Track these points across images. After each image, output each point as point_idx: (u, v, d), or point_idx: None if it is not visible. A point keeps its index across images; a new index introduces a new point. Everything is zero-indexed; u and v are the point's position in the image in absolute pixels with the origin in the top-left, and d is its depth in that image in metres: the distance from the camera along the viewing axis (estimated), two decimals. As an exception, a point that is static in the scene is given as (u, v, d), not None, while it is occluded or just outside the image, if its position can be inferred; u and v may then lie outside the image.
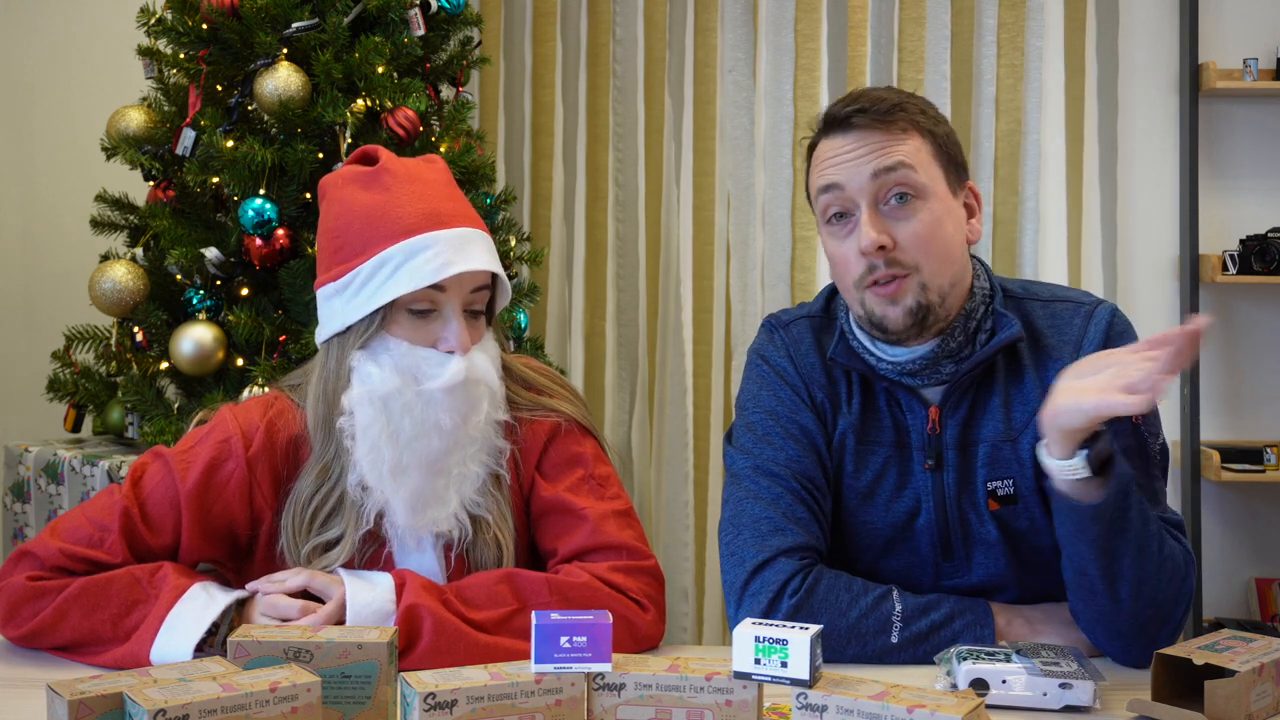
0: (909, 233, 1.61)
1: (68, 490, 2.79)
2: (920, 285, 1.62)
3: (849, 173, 1.62)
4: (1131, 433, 1.63)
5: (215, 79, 2.82)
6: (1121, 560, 1.51)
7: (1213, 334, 3.79)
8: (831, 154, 1.65)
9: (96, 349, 2.95)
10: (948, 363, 1.66)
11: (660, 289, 3.73)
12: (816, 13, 3.71)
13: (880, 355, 1.67)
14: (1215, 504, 3.80)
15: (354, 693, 1.34)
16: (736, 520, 1.67)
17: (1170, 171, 3.76)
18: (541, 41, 3.75)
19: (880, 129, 1.62)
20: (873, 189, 1.61)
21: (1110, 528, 1.50)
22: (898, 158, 1.61)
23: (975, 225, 1.70)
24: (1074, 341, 1.66)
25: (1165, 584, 1.54)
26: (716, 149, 3.73)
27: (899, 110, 1.63)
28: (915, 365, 1.65)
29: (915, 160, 1.62)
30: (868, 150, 1.62)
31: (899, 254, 1.61)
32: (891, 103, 1.63)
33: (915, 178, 1.62)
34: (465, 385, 1.63)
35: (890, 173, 1.61)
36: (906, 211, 1.62)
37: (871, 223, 1.61)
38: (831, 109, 1.67)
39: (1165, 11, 3.76)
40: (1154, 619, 1.55)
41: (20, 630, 1.62)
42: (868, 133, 1.62)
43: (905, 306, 1.62)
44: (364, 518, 1.64)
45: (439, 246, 1.61)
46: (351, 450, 1.63)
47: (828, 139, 1.66)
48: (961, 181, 1.69)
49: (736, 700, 1.27)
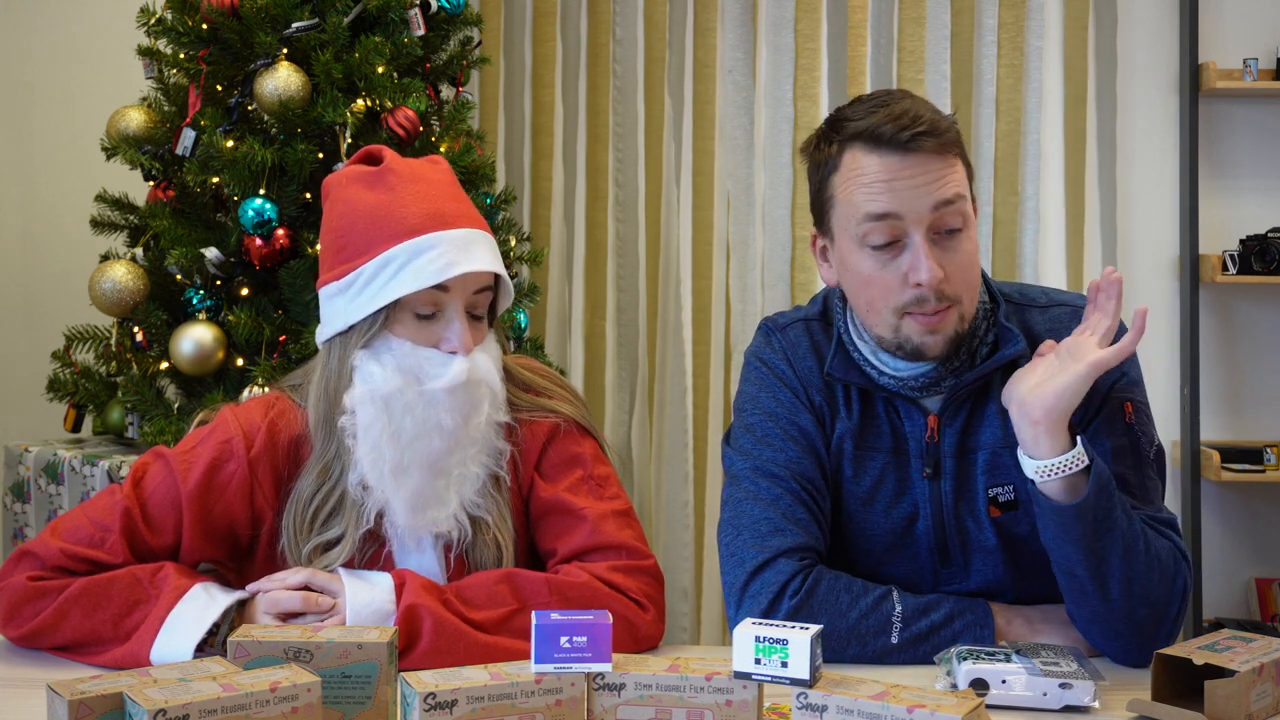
0: (956, 265, 1.59)
1: (68, 490, 2.79)
2: (960, 316, 1.61)
3: (909, 202, 1.56)
4: (1124, 431, 1.63)
5: (215, 79, 2.82)
6: (1109, 559, 1.52)
7: (1213, 334, 3.79)
8: (886, 176, 1.56)
9: (96, 349, 2.95)
10: (950, 378, 1.66)
11: (660, 289, 3.73)
12: (816, 13, 3.71)
13: (881, 369, 1.66)
14: (1215, 504, 3.80)
15: (354, 693, 1.34)
16: (736, 521, 1.67)
17: (1170, 171, 3.76)
18: (541, 41, 3.75)
19: (940, 154, 1.57)
20: (931, 220, 1.57)
21: (1095, 526, 1.51)
22: (955, 189, 1.57)
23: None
24: None
25: (1156, 582, 1.54)
26: (716, 149, 3.73)
27: (951, 133, 1.58)
28: (918, 381, 1.65)
29: (963, 189, 1.59)
30: (928, 179, 1.56)
31: (946, 285, 1.58)
32: (945, 125, 1.57)
33: (966, 209, 1.59)
34: (467, 386, 1.63)
35: (949, 205, 1.57)
36: (954, 243, 1.59)
37: (932, 255, 1.56)
38: (880, 125, 1.56)
39: (1165, 11, 3.76)
40: (1149, 618, 1.55)
41: (21, 630, 1.62)
42: (929, 158, 1.56)
43: (946, 336, 1.61)
44: (364, 517, 1.64)
45: (443, 247, 1.61)
46: (353, 449, 1.63)
47: (876, 156, 1.57)
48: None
49: (736, 700, 1.27)
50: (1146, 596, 1.54)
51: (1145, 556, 1.54)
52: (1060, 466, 1.52)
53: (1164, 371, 3.72)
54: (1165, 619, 1.56)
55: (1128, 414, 1.64)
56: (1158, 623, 1.56)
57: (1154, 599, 1.55)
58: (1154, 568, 1.54)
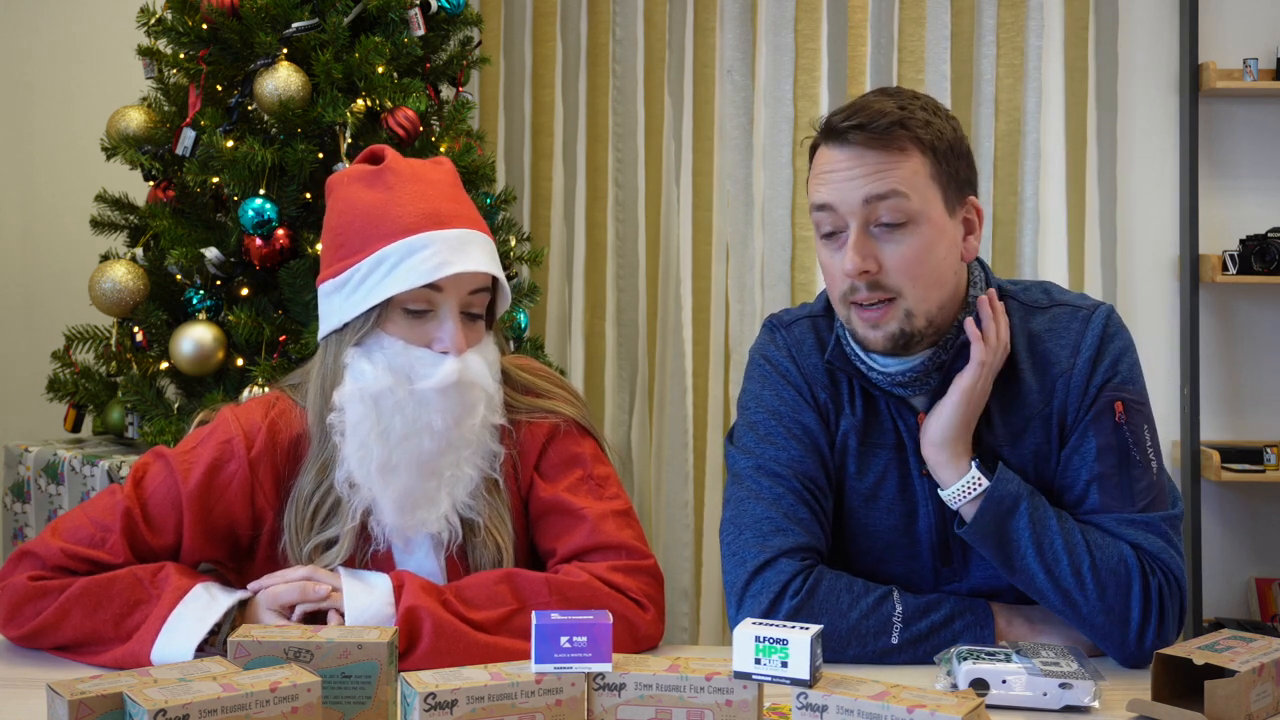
0: (896, 256, 1.59)
1: (68, 490, 2.79)
2: (905, 312, 1.60)
3: (840, 193, 1.59)
4: (1113, 430, 1.63)
5: (215, 79, 2.82)
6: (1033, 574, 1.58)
7: (1212, 334, 3.79)
8: (827, 168, 1.61)
9: (96, 349, 2.95)
10: (936, 375, 1.66)
11: (660, 289, 3.73)
12: (816, 13, 3.71)
13: (871, 364, 1.67)
14: (1215, 504, 3.80)
15: (354, 693, 1.34)
16: (738, 520, 1.67)
17: (1170, 171, 3.76)
18: (541, 41, 3.75)
19: (877, 148, 1.57)
20: (864, 212, 1.58)
21: (999, 544, 1.58)
22: (891, 184, 1.57)
23: (972, 243, 1.66)
24: (1072, 345, 1.66)
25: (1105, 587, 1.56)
26: (716, 149, 3.73)
27: (899, 127, 1.58)
28: (905, 377, 1.65)
29: (910, 185, 1.58)
30: (862, 172, 1.58)
31: (883, 278, 1.59)
32: (892, 119, 1.58)
33: (907, 205, 1.58)
34: (459, 387, 1.62)
35: (881, 200, 1.57)
36: (896, 235, 1.59)
37: (857, 246, 1.58)
38: (832, 117, 1.62)
39: (1165, 11, 3.76)
40: (1117, 621, 1.57)
41: (21, 630, 1.62)
42: (864, 151, 1.58)
43: (887, 332, 1.61)
44: (351, 514, 1.64)
45: (437, 246, 1.61)
46: (340, 446, 1.63)
47: (826, 148, 1.62)
48: (962, 198, 1.65)
49: (736, 700, 1.27)
50: (1101, 603, 1.56)
51: (1072, 569, 1.56)
52: (960, 493, 1.60)
53: (1164, 371, 3.72)
54: (1127, 622, 1.56)
55: (1118, 413, 1.63)
56: (1124, 626, 1.57)
57: (1110, 605, 1.56)
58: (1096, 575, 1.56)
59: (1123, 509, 1.61)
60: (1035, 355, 1.67)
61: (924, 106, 1.62)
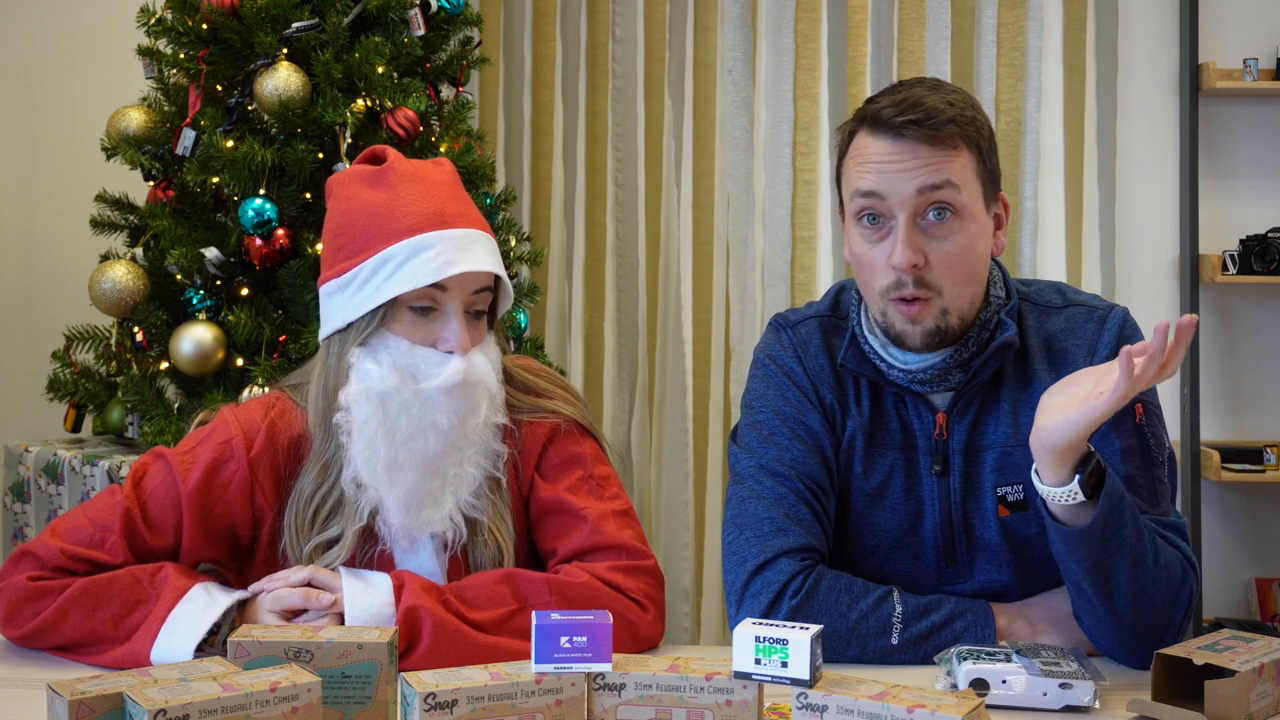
0: (943, 253, 1.59)
1: (68, 490, 2.79)
2: (942, 310, 1.61)
3: (893, 184, 1.58)
4: (1134, 432, 1.63)
5: (215, 79, 2.82)
6: (1116, 575, 1.51)
7: (1212, 334, 3.79)
8: (877, 157, 1.59)
9: (96, 349, 2.95)
10: (957, 372, 1.65)
11: (660, 289, 3.73)
12: (816, 13, 3.71)
13: (892, 362, 1.66)
14: (1215, 504, 3.80)
15: (354, 693, 1.34)
16: (739, 520, 1.67)
17: (1170, 172, 3.76)
18: (541, 41, 3.75)
19: (933, 144, 1.58)
20: (915, 204, 1.58)
21: (1103, 546, 1.50)
22: (945, 175, 1.57)
23: (1000, 238, 1.68)
24: (1088, 346, 1.66)
25: (1162, 592, 1.54)
26: (716, 149, 3.73)
27: (952, 124, 1.58)
28: (926, 374, 1.65)
29: (961, 179, 1.59)
30: (917, 164, 1.57)
31: (928, 273, 1.59)
32: (947, 116, 1.58)
33: (958, 198, 1.59)
34: (463, 386, 1.63)
35: (935, 190, 1.57)
36: (944, 230, 1.59)
37: (908, 239, 1.58)
38: (883, 109, 1.59)
39: (1165, 12, 3.76)
40: (1154, 625, 1.55)
41: (21, 630, 1.62)
42: (918, 145, 1.57)
43: (925, 329, 1.61)
44: (358, 514, 1.64)
45: (441, 246, 1.62)
46: (347, 446, 1.63)
47: (873, 138, 1.60)
48: (995, 194, 1.67)
49: (736, 700, 1.27)
50: (1152, 606, 1.54)
51: (1153, 569, 1.53)
52: (1061, 495, 1.48)
53: (1164, 371, 3.72)
54: (1170, 625, 1.56)
55: (1138, 415, 1.63)
56: (1163, 629, 1.56)
57: (1160, 608, 1.54)
58: (1161, 578, 1.54)
59: (1148, 510, 1.60)
60: (1051, 355, 1.67)
61: (966, 101, 1.64)
